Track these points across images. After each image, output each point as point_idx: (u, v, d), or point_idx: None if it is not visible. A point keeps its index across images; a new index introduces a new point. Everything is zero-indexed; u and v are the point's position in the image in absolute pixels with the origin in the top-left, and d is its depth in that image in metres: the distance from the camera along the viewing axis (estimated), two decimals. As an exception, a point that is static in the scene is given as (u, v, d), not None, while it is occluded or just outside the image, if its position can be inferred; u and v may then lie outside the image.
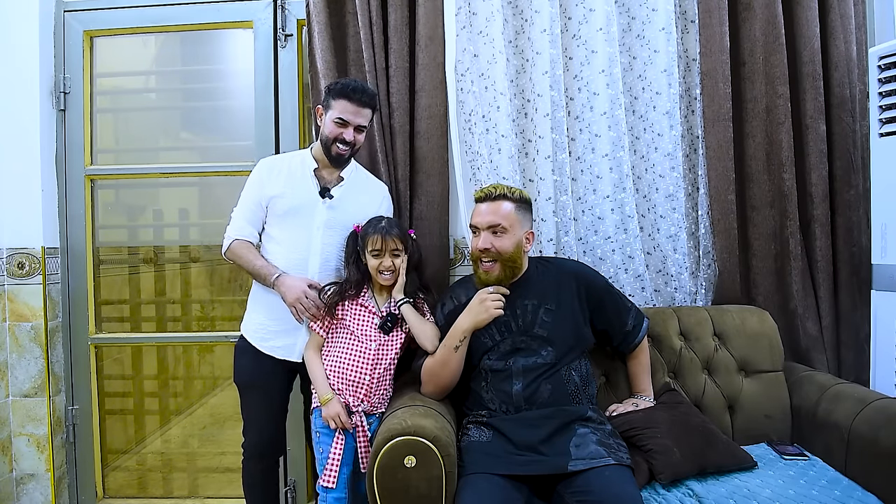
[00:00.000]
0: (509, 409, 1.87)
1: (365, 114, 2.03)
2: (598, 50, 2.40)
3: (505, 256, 1.90)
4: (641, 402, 2.05)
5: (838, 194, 2.40)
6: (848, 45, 2.38)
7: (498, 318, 1.91)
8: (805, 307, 2.38)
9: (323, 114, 2.06)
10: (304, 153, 2.14)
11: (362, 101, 2.00)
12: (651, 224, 2.47)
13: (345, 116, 1.99)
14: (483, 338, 1.94)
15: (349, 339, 1.98)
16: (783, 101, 2.36)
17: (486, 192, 1.95)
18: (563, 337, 1.93)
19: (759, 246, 2.42)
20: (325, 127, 2.04)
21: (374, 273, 1.98)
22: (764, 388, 2.17)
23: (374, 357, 1.96)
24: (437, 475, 1.64)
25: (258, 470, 2.18)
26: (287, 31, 2.55)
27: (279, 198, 2.05)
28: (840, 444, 1.88)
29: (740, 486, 1.73)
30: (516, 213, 1.92)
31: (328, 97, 2.03)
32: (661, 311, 2.30)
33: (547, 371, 1.89)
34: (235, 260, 2.08)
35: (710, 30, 2.35)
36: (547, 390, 1.87)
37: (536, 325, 1.93)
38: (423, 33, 2.38)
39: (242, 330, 2.15)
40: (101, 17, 2.64)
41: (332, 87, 2.03)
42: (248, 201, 2.09)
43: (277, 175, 2.08)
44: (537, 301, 1.96)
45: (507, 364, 1.91)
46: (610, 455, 1.71)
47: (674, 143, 2.40)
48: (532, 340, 1.92)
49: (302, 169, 2.10)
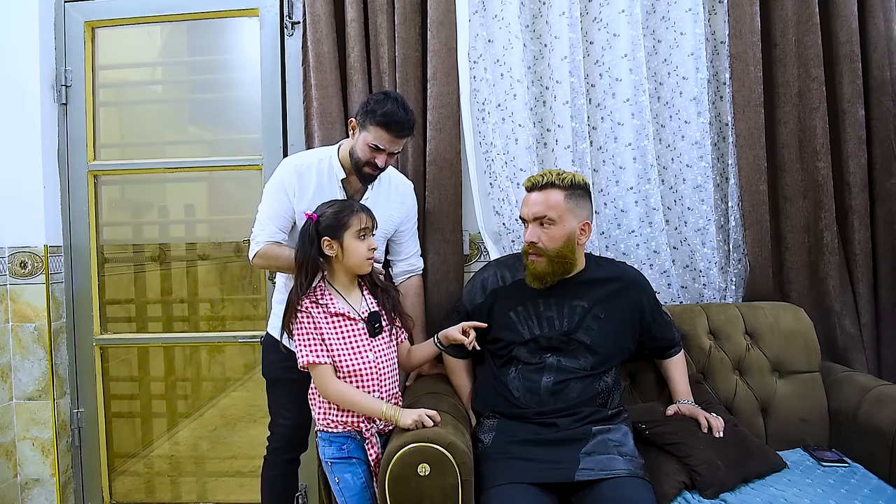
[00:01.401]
0: (531, 402, 1.81)
1: (401, 143, 1.96)
2: (620, 33, 2.32)
3: (552, 251, 1.81)
4: (694, 410, 1.95)
5: (878, 183, 2.31)
6: (888, 23, 2.27)
7: (539, 310, 1.85)
8: (842, 304, 2.30)
9: (357, 129, 1.96)
10: (332, 156, 2.04)
11: (402, 133, 1.92)
12: (678, 217, 2.39)
13: (381, 144, 1.91)
14: (521, 328, 1.87)
15: (347, 362, 1.74)
16: (817, 85, 2.27)
17: (534, 180, 1.85)
18: (607, 348, 1.87)
19: (792, 239, 2.34)
20: (357, 146, 1.95)
21: (360, 260, 1.78)
22: (799, 389, 2.10)
23: (377, 367, 1.78)
24: (453, 483, 1.56)
25: (282, 462, 2.16)
26: (294, 18, 2.48)
27: (308, 210, 1.95)
28: (884, 450, 1.80)
29: (777, 496, 1.65)
30: (567, 203, 1.81)
31: (366, 117, 1.92)
32: (689, 309, 2.22)
33: (580, 374, 1.83)
34: (270, 262, 2.02)
35: (739, 10, 2.26)
36: (577, 389, 1.81)
37: (581, 331, 1.85)
38: (434, 18, 2.31)
39: (269, 328, 2.14)
40: (103, 8, 2.59)
41: (372, 109, 1.91)
42: (279, 208, 2.01)
43: (307, 186, 2.00)
44: (587, 305, 1.88)
45: (540, 358, 1.84)
46: (626, 464, 1.65)
47: (701, 131, 2.32)
48: (573, 344, 1.85)
49: (329, 178, 2.02)
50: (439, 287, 2.32)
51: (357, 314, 1.78)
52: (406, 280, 2.19)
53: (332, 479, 1.79)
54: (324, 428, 1.78)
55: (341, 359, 1.73)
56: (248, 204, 2.66)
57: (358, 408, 1.73)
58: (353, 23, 2.35)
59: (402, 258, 2.18)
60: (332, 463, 1.78)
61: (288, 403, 2.10)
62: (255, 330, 2.62)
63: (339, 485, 1.77)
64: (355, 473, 1.76)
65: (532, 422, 1.78)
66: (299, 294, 1.74)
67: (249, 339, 2.60)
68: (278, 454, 2.15)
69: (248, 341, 2.62)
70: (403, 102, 1.94)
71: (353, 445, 1.77)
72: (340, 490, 1.77)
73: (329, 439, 1.78)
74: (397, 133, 1.91)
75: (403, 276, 2.19)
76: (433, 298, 2.31)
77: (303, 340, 1.72)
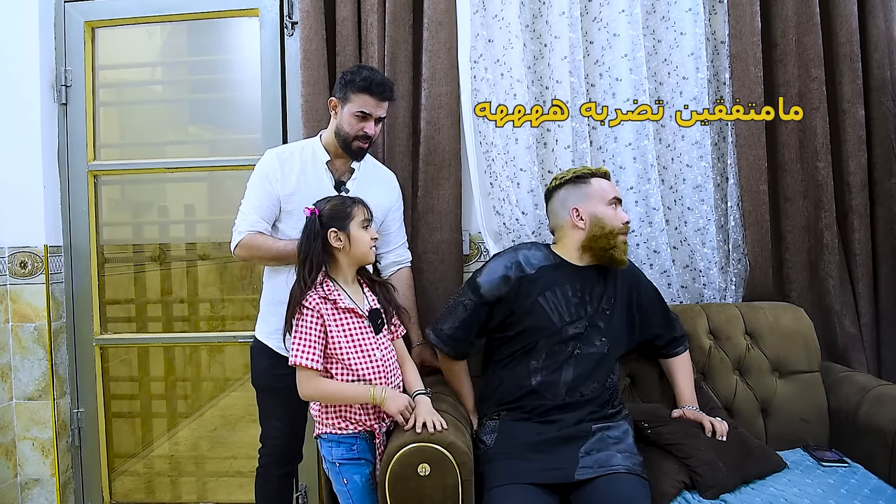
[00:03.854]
0: (548, 395, 1.80)
1: (385, 106, 1.98)
2: (620, 33, 2.31)
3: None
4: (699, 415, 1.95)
5: (878, 183, 2.31)
6: (888, 23, 2.27)
7: (570, 301, 1.85)
8: (842, 304, 2.29)
9: (338, 106, 1.97)
10: (314, 143, 2.05)
11: (384, 94, 1.94)
12: (678, 217, 2.39)
13: (366, 110, 1.92)
14: (553, 316, 1.83)
15: (353, 362, 1.72)
16: (818, 85, 2.27)
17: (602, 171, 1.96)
18: (617, 332, 1.89)
19: (792, 239, 2.33)
20: (342, 121, 1.96)
21: (366, 248, 1.77)
22: (799, 389, 2.09)
23: (383, 365, 1.76)
24: (453, 483, 1.55)
25: (276, 477, 2.09)
26: (294, 18, 2.47)
27: (293, 195, 1.97)
28: (884, 450, 1.80)
29: (777, 496, 1.65)
30: None
31: (345, 90, 1.94)
32: (689, 309, 2.21)
33: (598, 363, 1.83)
34: (252, 252, 1.98)
35: (739, 9, 2.26)
36: (592, 388, 1.81)
37: (598, 315, 1.87)
38: (434, 18, 2.30)
39: (257, 333, 2.09)
40: (103, 8, 2.58)
41: (350, 79, 1.94)
42: (263, 197, 1.99)
43: (290, 170, 1.99)
44: (602, 289, 1.90)
45: (565, 348, 1.83)
46: (624, 460, 1.66)
47: (701, 131, 2.31)
48: (592, 329, 1.85)
49: (314, 162, 2.01)
50: (438, 287, 2.31)
51: (362, 310, 1.77)
52: (396, 272, 2.17)
53: (340, 481, 1.75)
54: (332, 430, 1.74)
55: (350, 357, 1.70)
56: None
57: (349, 399, 1.71)
58: (346, 21, 2.34)
59: (390, 248, 2.15)
60: (341, 464, 1.74)
61: (280, 413, 2.04)
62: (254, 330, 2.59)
63: (348, 486, 1.74)
64: (364, 475, 1.74)
65: (539, 419, 1.78)
66: (304, 289, 1.72)
67: (249, 340, 2.55)
68: (272, 469, 2.09)
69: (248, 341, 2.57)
70: (376, 69, 2.03)
71: (363, 446, 1.75)
72: (348, 491, 1.74)
73: (338, 440, 1.74)
74: (380, 95, 1.93)
75: (393, 269, 2.17)
76: (433, 298, 2.31)
77: (301, 339, 1.69)
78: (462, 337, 1.91)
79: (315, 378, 1.69)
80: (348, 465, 1.74)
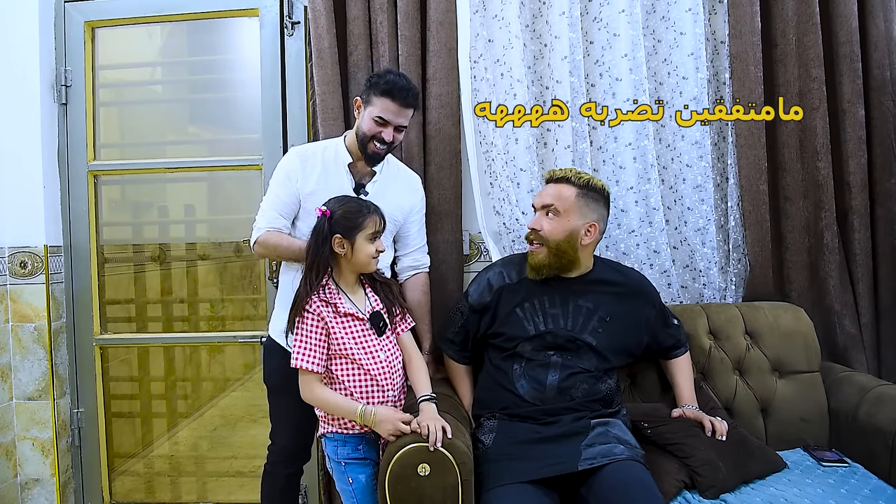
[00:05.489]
0: (536, 400, 1.81)
1: (407, 114, 1.94)
2: (620, 33, 2.31)
3: (552, 242, 1.83)
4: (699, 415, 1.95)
5: (878, 184, 2.31)
6: (888, 23, 2.27)
7: (545, 307, 1.86)
8: (842, 304, 2.29)
9: (362, 107, 1.96)
10: (338, 144, 2.04)
11: (406, 101, 1.91)
12: (678, 217, 2.38)
13: (386, 116, 1.89)
14: (526, 323, 1.87)
15: (359, 356, 1.73)
16: (818, 85, 2.26)
17: (553, 173, 1.91)
18: (612, 352, 1.88)
19: (792, 239, 2.33)
20: (362, 122, 1.94)
21: (367, 259, 1.76)
22: (799, 389, 2.09)
23: (387, 366, 1.77)
24: (453, 483, 1.55)
25: (283, 476, 2.10)
26: (294, 18, 2.47)
27: (313, 195, 1.95)
28: (884, 450, 1.80)
29: (777, 496, 1.65)
30: (577, 200, 1.84)
31: (370, 91, 1.92)
32: (689, 309, 2.21)
33: (585, 374, 1.83)
34: (269, 250, 1.99)
35: (739, 9, 2.25)
36: (582, 390, 1.81)
37: (587, 332, 1.86)
38: (434, 18, 2.30)
39: (270, 331, 2.07)
40: (103, 8, 2.57)
41: (376, 82, 1.91)
42: (283, 194, 1.99)
43: (312, 170, 1.98)
44: (593, 306, 1.89)
45: (545, 355, 1.84)
46: (627, 451, 1.67)
47: (701, 131, 2.31)
48: (578, 345, 1.85)
49: (336, 163, 2.00)
50: (439, 287, 2.30)
51: (363, 314, 1.77)
52: (412, 277, 2.15)
53: (344, 480, 1.77)
54: (338, 429, 1.75)
55: (358, 360, 1.72)
56: (248, 204, 2.66)
57: (339, 413, 1.72)
58: (357, 20, 2.34)
59: (407, 251, 2.14)
60: (347, 463, 1.76)
61: (291, 413, 2.03)
62: (255, 330, 2.61)
63: (353, 485, 1.75)
64: (368, 474, 1.75)
65: (535, 421, 1.78)
66: (308, 291, 1.73)
67: (249, 339, 2.59)
68: (280, 468, 2.09)
69: (248, 341, 2.62)
70: (405, 75, 1.97)
71: (368, 447, 1.76)
72: (353, 490, 1.75)
73: (344, 440, 1.76)
74: (402, 101, 1.90)
75: (408, 273, 2.15)
76: (433, 298, 2.28)
77: (302, 342, 1.70)
78: (460, 343, 2.01)
79: (313, 383, 1.71)
80: (353, 465, 1.75)
